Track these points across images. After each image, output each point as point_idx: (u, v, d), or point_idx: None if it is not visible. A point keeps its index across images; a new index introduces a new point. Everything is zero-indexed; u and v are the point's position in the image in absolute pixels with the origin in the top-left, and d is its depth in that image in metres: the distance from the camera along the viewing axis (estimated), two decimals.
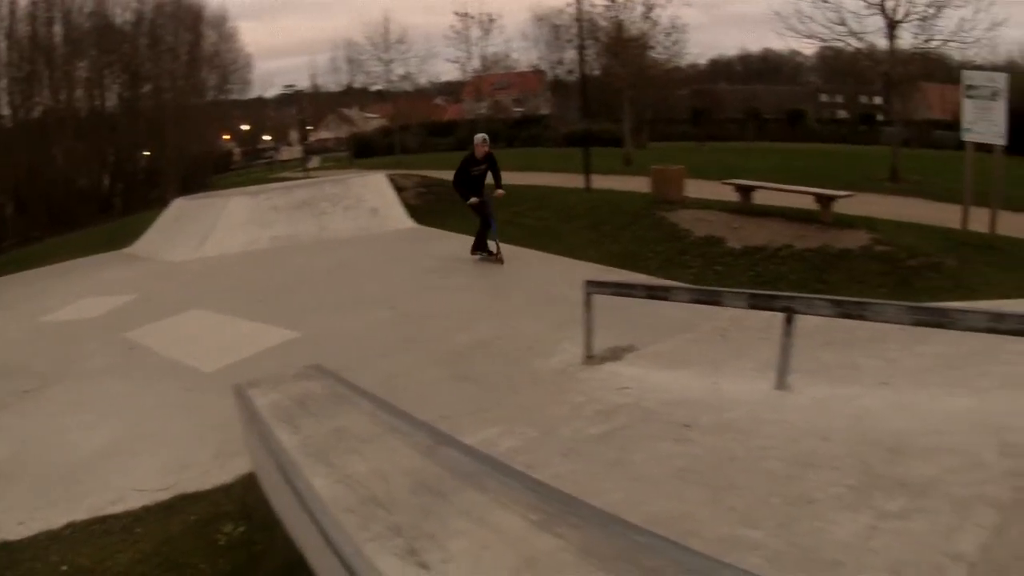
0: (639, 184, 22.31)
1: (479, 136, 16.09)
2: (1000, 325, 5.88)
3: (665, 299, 8.61)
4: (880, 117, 64.23)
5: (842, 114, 74.69)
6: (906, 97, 38.87)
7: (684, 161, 22.62)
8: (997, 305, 9.03)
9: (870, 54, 28.76)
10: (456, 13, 53.59)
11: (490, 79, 62.04)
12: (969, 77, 14.68)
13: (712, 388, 7.42)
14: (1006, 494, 4.56)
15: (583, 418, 7.06)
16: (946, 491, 4.67)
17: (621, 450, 6.14)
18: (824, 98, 80.00)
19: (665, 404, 7.12)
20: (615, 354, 9.23)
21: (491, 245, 16.07)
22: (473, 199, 15.64)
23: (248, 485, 6.79)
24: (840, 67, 52.87)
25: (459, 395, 8.60)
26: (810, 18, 28.51)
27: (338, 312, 12.87)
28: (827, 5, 27.70)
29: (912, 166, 27.52)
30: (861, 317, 6.54)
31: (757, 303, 7.57)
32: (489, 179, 16.02)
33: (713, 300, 8.10)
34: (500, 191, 16.05)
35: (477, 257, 16.29)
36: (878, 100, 69.52)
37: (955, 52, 28.83)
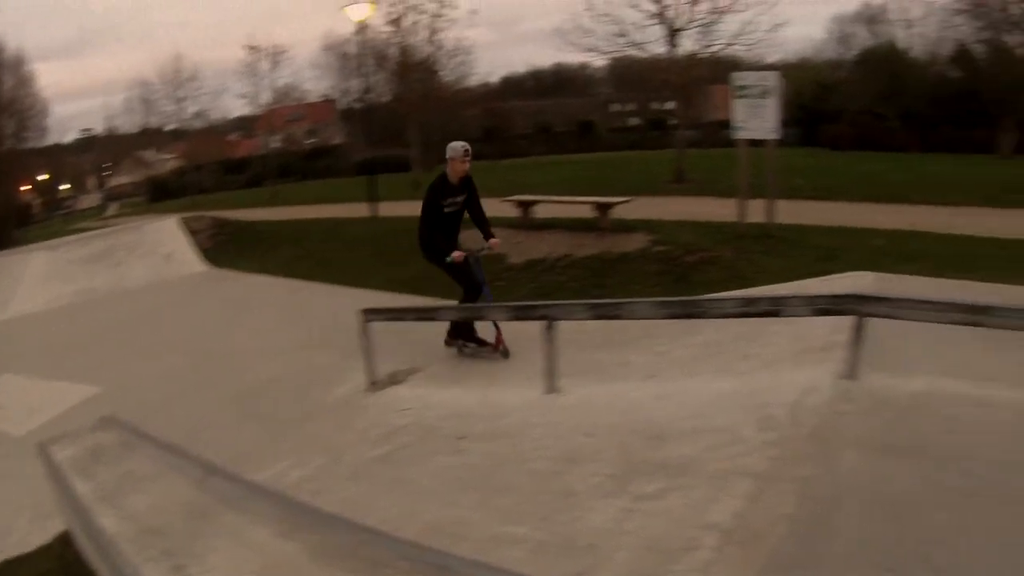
0: None
1: (457, 146, 10.16)
2: (751, 309, 6.33)
3: (434, 319, 8.88)
4: (672, 121, 66.76)
5: (634, 121, 77.02)
6: (694, 101, 40.63)
7: (475, 180, 22.97)
8: (769, 290, 9.61)
9: (653, 63, 29.95)
10: (245, 47, 53.04)
11: (282, 111, 61.47)
12: (739, 78, 15.57)
13: (486, 399, 7.69)
14: (762, 464, 4.92)
15: (367, 442, 7.32)
16: (704, 468, 5.03)
17: (402, 467, 6.46)
18: (616, 107, 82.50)
19: (443, 419, 7.41)
20: (397, 378, 9.45)
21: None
22: (456, 254, 9.83)
23: (65, 541, 7.04)
24: (630, 76, 54.76)
25: (253, 432, 8.92)
26: (591, 32, 29.54)
27: (137, 362, 13.06)
28: (607, 19, 28.82)
29: (700, 166, 28.89)
30: (616, 316, 7.02)
31: (519, 314, 8.04)
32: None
33: (477, 316, 8.50)
34: (494, 240, 10.29)
35: (464, 351, 10.26)
36: (670, 105, 72.15)
37: (745, 53, 30.27)
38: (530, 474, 5.59)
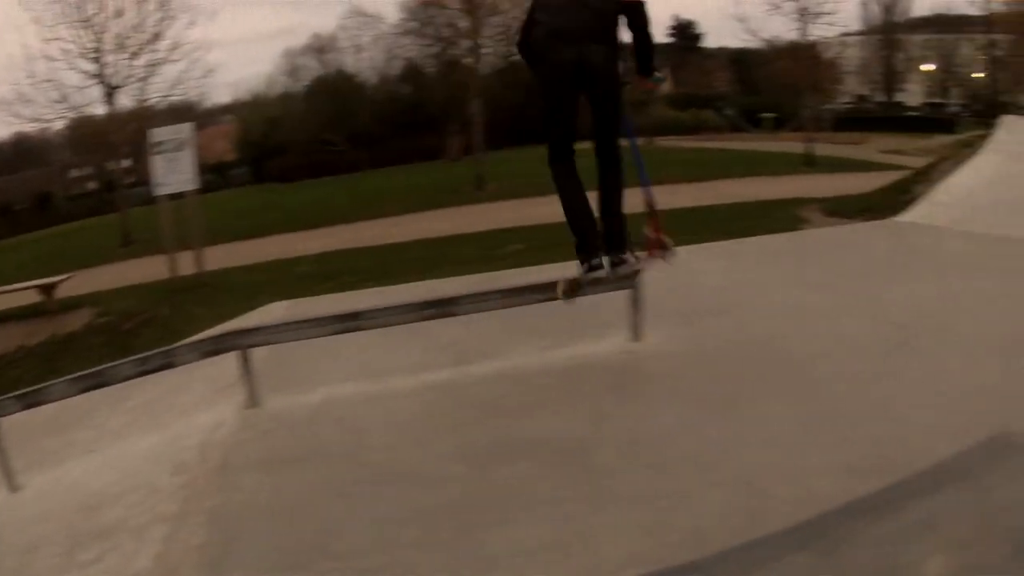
0: None
1: None
2: (147, 367, 7.01)
3: None
4: (128, 180, 64.58)
5: (92, 185, 73.17)
6: (144, 155, 40.18)
7: None
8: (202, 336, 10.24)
9: (99, 122, 29.46)
10: None
11: None
12: (155, 135, 15.80)
13: None
14: (176, 506, 5.61)
15: None
16: (130, 524, 5.61)
17: None
18: (75, 172, 78.15)
19: None
20: None
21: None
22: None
23: None
24: (83, 138, 52.62)
25: None
26: (32, 101, 28.38)
27: None
28: (48, 84, 27.84)
29: (153, 224, 28.41)
30: (42, 403, 7.28)
31: None
32: None
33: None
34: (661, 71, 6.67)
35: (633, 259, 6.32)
36: (127, 163, 69.49)
37: (191, 98, 30.52)
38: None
